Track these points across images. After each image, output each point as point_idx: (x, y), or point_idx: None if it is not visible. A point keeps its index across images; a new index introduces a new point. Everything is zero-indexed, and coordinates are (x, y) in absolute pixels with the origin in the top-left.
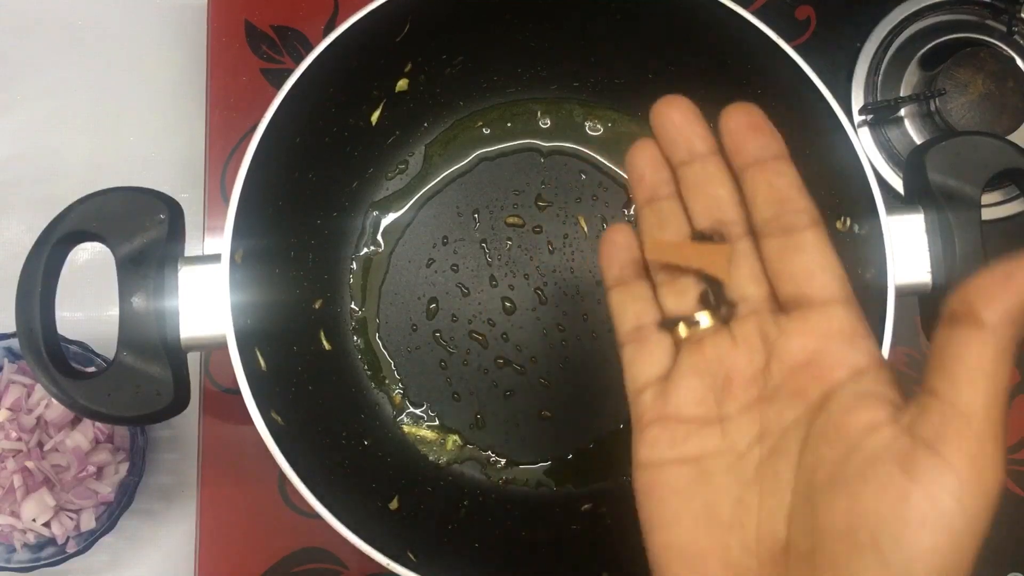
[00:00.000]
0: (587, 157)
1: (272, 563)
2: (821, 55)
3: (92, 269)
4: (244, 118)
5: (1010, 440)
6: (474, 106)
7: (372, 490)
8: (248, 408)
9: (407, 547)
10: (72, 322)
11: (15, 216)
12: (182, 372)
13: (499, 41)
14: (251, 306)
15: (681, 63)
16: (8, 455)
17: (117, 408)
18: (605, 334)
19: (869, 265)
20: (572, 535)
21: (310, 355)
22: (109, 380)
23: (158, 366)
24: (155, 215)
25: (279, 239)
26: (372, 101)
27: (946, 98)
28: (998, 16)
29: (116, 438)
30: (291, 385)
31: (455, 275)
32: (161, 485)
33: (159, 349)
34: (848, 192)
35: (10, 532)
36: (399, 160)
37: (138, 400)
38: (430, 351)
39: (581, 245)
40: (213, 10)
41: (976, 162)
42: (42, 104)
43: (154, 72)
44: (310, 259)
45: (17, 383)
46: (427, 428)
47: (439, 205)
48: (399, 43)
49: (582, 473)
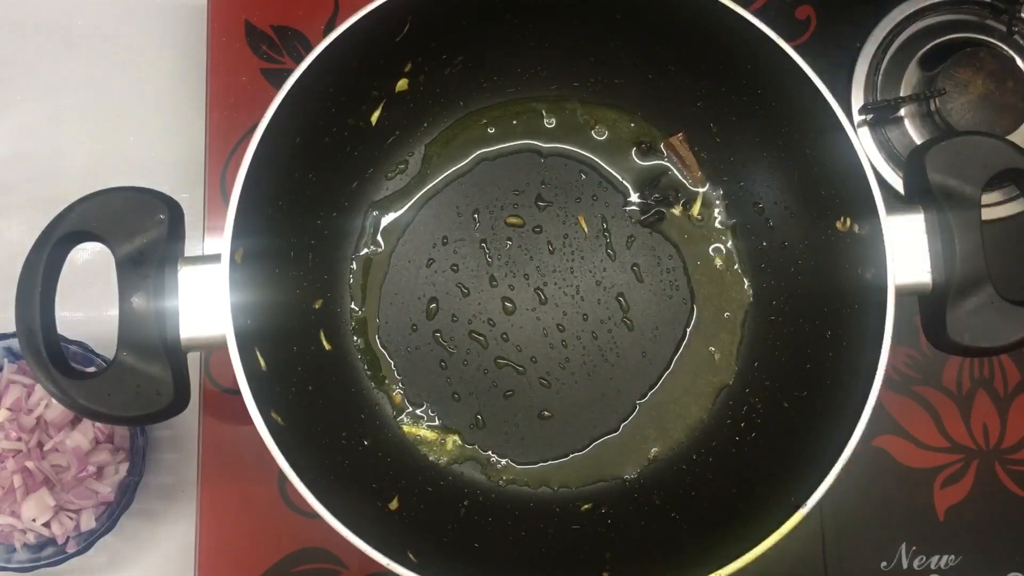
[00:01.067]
0: (587, 157)
1: (272, 563)
2: (821, 55)
3: (92, 269)
4: (244, 118)
5: (1010, 440)
6: (474, 106)
7: (372, 490)
8: (248, 408)
9: (407, 547)
10: (72, 322)
11: (15, 216)
12: (182, 372)
13: (499, 41)
14: (251, 306)
15: (681, 63)
16: (8, 455)
17: (117, 408)
18: (605, 334)
19: (869, 265)
20: (572, 535)
21: (310, 355)
22: (109, 380)
23: (158, 366)
24: (155, 215)
25: (279, 239)
26: (372, 101)
27: (946, 98)
28: (998, 16)
29: (116, 438)
30: (291, 385)
31: (455, 275)
32: (161, 485)
33: (159, 349)
34: (848, 192)
35: (10, 532)
36: (399, 160)
37: (138, 400)
38: (430, 351)
39: (581, 245)
40: (213, 10)
41: (976, 162)
42: (42, 104)
43: (154, 72)
44: (310, 259)
45: (17, 383)
46: (427, 428)
47: (439, 205)
48: (399, 43)
49: (582, 473)
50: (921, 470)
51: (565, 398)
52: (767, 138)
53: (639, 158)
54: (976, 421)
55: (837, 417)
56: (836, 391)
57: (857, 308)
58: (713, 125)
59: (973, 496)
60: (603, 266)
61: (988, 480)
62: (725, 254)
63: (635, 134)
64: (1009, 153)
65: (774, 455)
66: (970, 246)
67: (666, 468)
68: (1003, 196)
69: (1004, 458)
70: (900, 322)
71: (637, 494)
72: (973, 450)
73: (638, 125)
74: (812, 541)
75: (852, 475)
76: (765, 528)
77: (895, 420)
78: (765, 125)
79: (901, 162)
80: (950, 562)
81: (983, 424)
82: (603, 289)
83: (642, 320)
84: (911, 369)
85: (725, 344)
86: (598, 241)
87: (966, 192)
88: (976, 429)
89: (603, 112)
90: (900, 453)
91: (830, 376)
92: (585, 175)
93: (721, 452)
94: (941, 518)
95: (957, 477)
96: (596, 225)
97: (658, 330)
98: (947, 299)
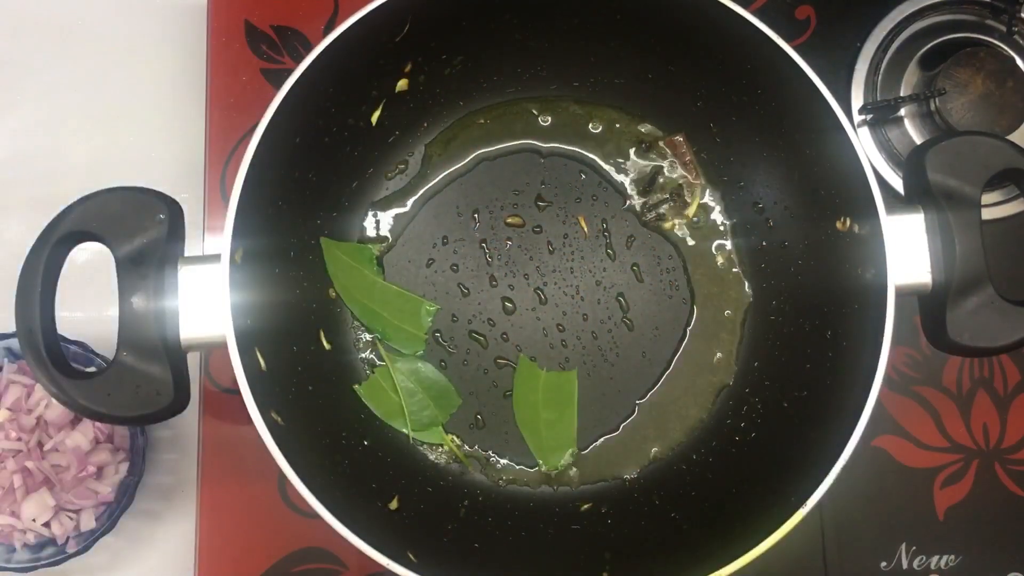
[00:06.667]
0: (587, 157)
1: (272, 563)
2: (821, 55)
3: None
4: (244, 118)
5: (1010, 440)
6: (474, 106)
7: (372, 490)
8: (248, 408)
9: (407, 547)
10: (72, 322)
11: (15, 216)
12: (182, 372)
13: (499, 41)
14: (251, 306)
15: (681, 63)
16: (8, 455)
17: (117, 408)
18: (605, 334)
19: (869, 265)
20: (572, 535)
21: (310, 355)
22: (109, 380)
23: (158, 366)
24: (155, 215)
25: (279, 239)
26: (372, 101)
27: (946, 98)
28: (998, 16)
29: (116, 438)
30: (291, 385)
31: (455, 275)
32: (161, 485)
33: (159, 349)
34: (848, 192)
35: (10, 532)
36: (399, 160)
37: (138, 400)
38: (430, 351)
39: (581, 245)
40: (213, 10)
41: (976, 162)
42: (42, 104)
43: (154, 72)
44: (310, 259)
45: (17, 383)
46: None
47: (439, 205)
48: (399, 43)
49: (582, 473)
50: (921, 470)
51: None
52: (767, 138)
53: (639, 158)
54: (976, 421)
55: (837, 417)
56: (836, 391)
57: (857, 308)
58: (713, 125)
59: (973, 496)
60: (603, 266)
61: (988, 480)
62: (725, 254)
63: (635, 134)
64: (1009, 153)
65: (774, 455)
66: (970, 246)
67: (666, 468)
68: (1003, 196)
69: (1004, 458)
70: (900, 322)
71: (637, 494)
72: (973, 450)
73: (638, 125)
74: (812, 541)
75: (852, 475)
76: (765, 528)
77: (895, 420)
78: (765, 125)
79: (901, 162)
80: (950, 562)
81: (983, 424)
82: (603, 289)
83: (642, 320)
84: (911, 369)
85: (725, 344)
86: (598, 241)
87: (966, 192)
88: (976, 429)
89: (603, 112)
90: (900, 453)
91: (830, 376)
92: (585, 175)
93: (721, 452)
94: (941, 518)
95: (957, 477)
96: (596, 225)
97: (658, 330)
98: (947, 299)
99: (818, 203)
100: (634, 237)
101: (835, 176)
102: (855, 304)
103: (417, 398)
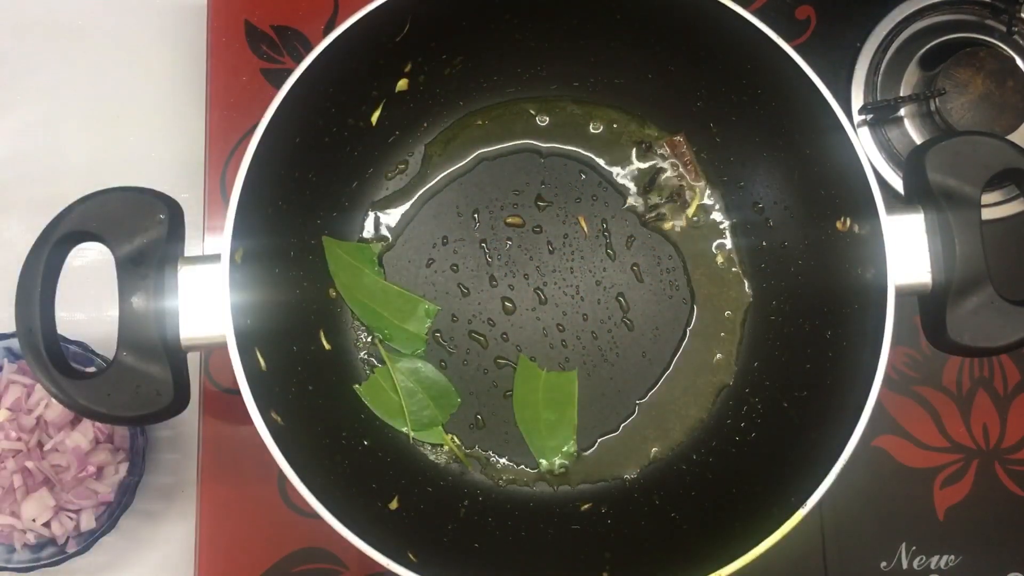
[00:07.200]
0: (587, 157)
1: (272, 563)
2: (821, 55)
3: (92, 269)
4: (244, 118)
5: (1010, 440)
6: (474, 106)
7: (372, 490)
8: (248, 408)
9: (407, 547)
10: (72, 322)
11: (15, 216)
12: (182, 372)
13: (499, 41)
14: (251, 306)
15: (681, 63)
16: (8, 455)
17: (117, 408)
18: (605, 334)
19: (869, 265)
20: (572, 535)
21: (310, 355)
22: (109, 380)
23: (158, 366)
24: (155, 215)
25: (279, 239)
26: (372, 101)
27: (946, 98)
28: (998, 16)
29: (116, 438)
30: (291, 385)
31: (455, 275)
32: (161, 485)
33: (159, 349)
34: (848, 192)
35: (10, 532)
36: (399, 160)
37: (138, 400)
38: (430, 351)
39: (581, 245)
40: (213, 10)
41: (976, 162)
42: (42, 104)
43: (154, 72)
44: (310, 259)
45: (17, 383)
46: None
47: (439, 205)
48: (399, 43)
49: (582, 473)
50: (921, 470)
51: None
52: (767, 138)
53: (639, 158)
54: (976, 421)
55: (837, 417)
56: (836, 391)
57: (857, 308)
58: (713, 125)
59: (973, 496)
60: (603, 266)
61: (988, 480)
62: (725, 254)
63: (635, 134)
64: (1009, 153)
65: (774, 455)
66: (970, 246)
67: (666, 468)
68: (1003, 196)
69: (1004, 458)
70: (900, 322)
71: (637, 494)
72: (973, 450)
73: (638, 125)
74: (812, 541)
75: (852, 475)
76: (765, 528)
77: (895, 420)
78: (765, 125)
79: (901, 162)
80: (950, 562)
81: (983, 424)
82: (603, 289)
83: (642, 320)
84: (911, 369)
85: (725, 344)
86: (598, 241)
87: (966, 192)
88: (976, 429)
89: (603, 112)
90: (900, 453)
91: (830, 376)
92: (585, 175)
93: (721, 452)
94: (941, 518)
95: (957, 477)
96: (596, 225)
97: (658, 330)
98: (947, 299)
99: (818, 203)
100: (634, 237)
101: (835, 176)
102: (855, 304)
103: (417, 398)
